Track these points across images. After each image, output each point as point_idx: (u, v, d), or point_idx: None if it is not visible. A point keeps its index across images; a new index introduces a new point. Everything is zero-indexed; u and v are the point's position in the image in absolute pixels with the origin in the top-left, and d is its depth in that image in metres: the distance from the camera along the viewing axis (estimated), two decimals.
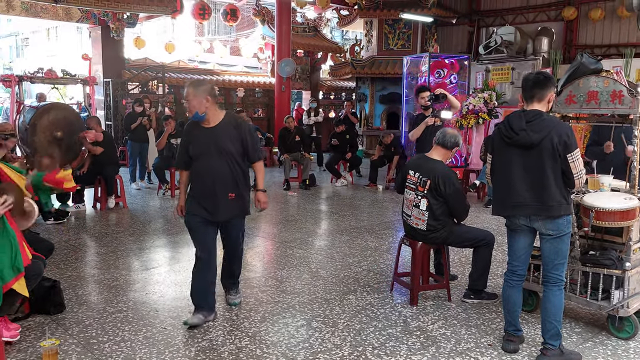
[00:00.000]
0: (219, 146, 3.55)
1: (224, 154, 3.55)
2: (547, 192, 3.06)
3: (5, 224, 3.05)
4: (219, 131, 3.58)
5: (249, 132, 3.69)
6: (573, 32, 13.51)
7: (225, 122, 3.62)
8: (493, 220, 7.01)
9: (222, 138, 3.56)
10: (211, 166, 3.56)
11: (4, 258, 3.00)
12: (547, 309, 3.18)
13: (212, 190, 3.57)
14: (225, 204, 3.60)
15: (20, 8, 11.10)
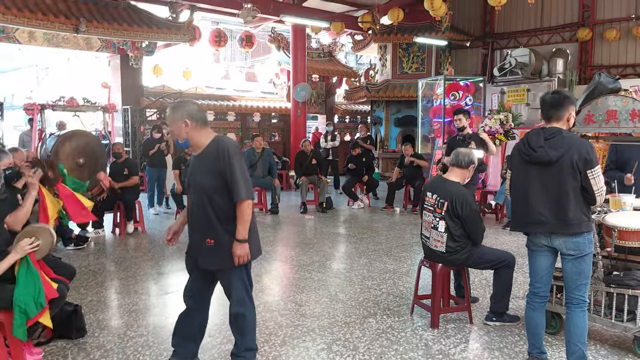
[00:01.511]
0: (195, 180, 3.02)
1: (200, 190, 2.99)
2: (566, 209, 3.04)
3: (29, 264, 3.13)
4: (200, 160, 3.01)
5: (230, 162, 2.91)
6: (588, 53, 13.50)
7: (208, 149, 2.98)
8: (512, 241, 6.94)
9: (200, 169, 2.99)
10: (192, 202, 3.07)
11: (28, 296, 3.07)
12: (570, 331, 3.13)
13: (195, 232, 3.11)
14: (205, 250, 3.04)
15: (43, 38, 11.44)
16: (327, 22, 13.73)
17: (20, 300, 3.04)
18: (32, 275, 3.11)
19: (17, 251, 3.12)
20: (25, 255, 3.13)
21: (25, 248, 3.12)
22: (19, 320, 3.03)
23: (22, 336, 3.05)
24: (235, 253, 2.96)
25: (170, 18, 11.71)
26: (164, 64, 16.57)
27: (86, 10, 10.30)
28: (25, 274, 3.11)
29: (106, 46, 12.36)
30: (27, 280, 3.09)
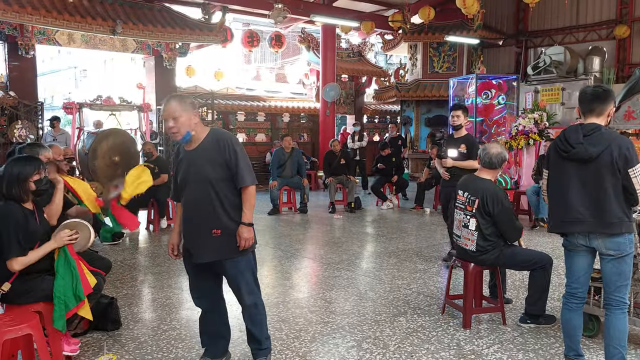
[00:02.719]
0: (198, 172, 2.98)
1: (205, 182, 2.97)
2: (606, 209, 2.95)
3: (67, 255, 3.21)
4: (199, 153, 3.00)
5: (234, 150, 2.99)
6: (626, 51, 13.12)
7: (206, 142, 3.01)
8: (548, 242, 6.79)
9: (201, 161, 2.98)
10: (192, 197, 3.02)
11: (67, 288, 3.15)
12: (610, 333, 3.04)
13: (195, 226, 3.03)
14: (209, 242, 3.01)
15: (81, 40, 11.74)
16: (357, 22, 13.71)
17: (60, 291, 3.12)
18: (69, 267, 3.19)
19: (56, 240, 3.21)
20: (63, 245, 3.21)
21: (65, 239, 3.21)
22: (59, 312, 3.11)
23: (62, 327, 3.13)
24: (243, 236, 3.02)
25: (203, 19, 11.88)
26: (197, 65, 16.81)
27: (122, 12, 10.54)
28: (63, 265, 3.19)
29: (141, 48, 12.61)
30: (66, 272, 3.17)
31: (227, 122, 14.42)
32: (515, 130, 8.96)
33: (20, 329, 2.89)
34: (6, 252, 3.03)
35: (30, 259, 3.10)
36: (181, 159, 3.08)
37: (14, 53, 10.78)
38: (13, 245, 3.03)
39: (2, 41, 10.82)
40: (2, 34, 10.57)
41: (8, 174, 3.15)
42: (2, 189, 3.14)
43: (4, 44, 10.85)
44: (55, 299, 3.11)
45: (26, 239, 3.09)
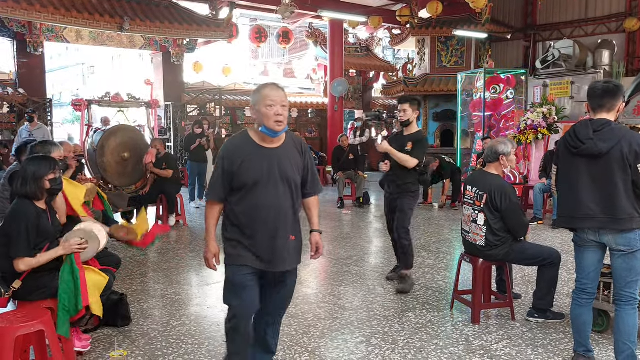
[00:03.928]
0: (283, 172, 2.71)
1: (287, 183, 2.73)
2: (616, 205, 2.93)
3: (73, 263, 3.22)
4: (282, 153, 2.74)
5: (310, 155, 2.93)
6: (636, 44, 13.00)
7: (288, 142, 2.79)
8: (556, 238, 6.76)
9: (286, 162, 2.74)
10: (272, 199, 2.68)
11: (70, 295, 3.15)
12: (620, 329, 3.03)
13: (273, 230, 2.70)
14: (286, 249, 2.77)
15: (89, 37, 11.82)
16: (365, 17, 13.67)
17: (65, 298, 3.14)
18: (73, 276, 3.19)
19: (64, 247, 3.22)
20: (70, 253, 3.23)
21: (73, 247, 3.22)
22: (62, 319, 3.12)
23: (65, 334, 3.12)
24: (321, 244, 2.92)
25: (210, 15, 11.89)
26: (204, 60, 16.84)
27: (130, 8, 10.58)
28: (68, 273, 3.19)
29: (149, 44, 12.67)
30: (69, 280, 3.17)
31: (235, 117, 14.45)
32: (524, 124, 8.91)
33: (32, 325, 2.92)
34: (14, 250, 3.06)
35: (37, 263, 3.11)
36: (249, 154, 2.68)
37: (23, 50, 10.86)
38: (22, 244, 3.05)
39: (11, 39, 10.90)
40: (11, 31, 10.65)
41: (24, 172, 3.18)
42: (17, 187, 3.17)
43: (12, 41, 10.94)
44: (60, 305, 3.12)
45: (37, 239, 3.12)
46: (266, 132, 2.66)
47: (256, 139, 2.73)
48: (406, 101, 4.80)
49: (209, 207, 2.82)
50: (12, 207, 3.18)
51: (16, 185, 3.18)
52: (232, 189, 2.71)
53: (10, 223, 3.09)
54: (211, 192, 2.77)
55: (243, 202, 2.70)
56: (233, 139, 2.82)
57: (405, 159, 4.67)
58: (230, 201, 2.74)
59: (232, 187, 2.70)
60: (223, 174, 2.71)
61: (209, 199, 2.81)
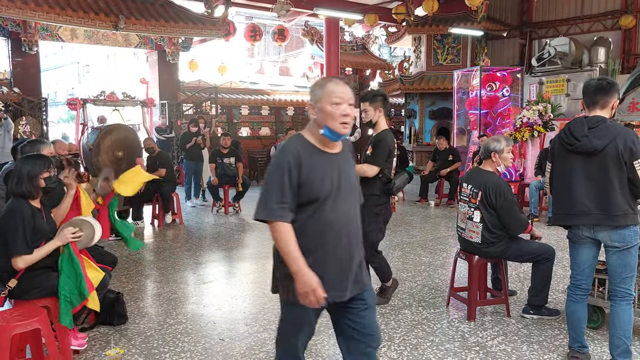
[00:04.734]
0: (351, 181, 2.32)
1: (354, 194, 2.34)
2: (611, 201, 2.95)
3: (71, 253, 3.23)
4: (343, 159, 2.33)
5: None
6: (632, 41, 13.02)
7: (344, 146, 2.37)
8: (552, 235, 6.78)
9: (349, 169, 2.34)
10: (345, 214, 2.26)
11: (72, 285, 3.17)
12: (615, 324, 3.05)
13: (347, 252, 2.27)
14: (358, 270, 2.33)
15: (84, 36, 11.78)
16: (361, 15, 13.66)
17: (66, 289, 3.15)
18: (73, 264, 3.21)
19: (59, 238, 3.23)
20: (67, 243, 3.23)
21: (68, 236, 3.23)
22: (65, 309, 3.14)
23: (69, 324, 3.15)
24: None
25: (206, 13, 11.86)
26: (200, 59, 16.81)
27: (125, 7, 10.54)
28: (67, 262, 3.21)
29: (144, 42, 12.64)
30: (70, 270, 3.19)
31: (230, 116, 14.44)
32: (520, 122, 8.92)
33: (28, 323, 2.92)
34: (12, 249, 3.06)
35: (35, 258, 3.12)
36: (314, 162, 2.21)
37: (18, 49, 10.83)
38: (20, 243, 3.05)
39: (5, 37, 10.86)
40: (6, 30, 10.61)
41: (18, 171, 3.18)
42: (12, 186, 3.17)
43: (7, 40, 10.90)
44: (61, 296, 3.13)
45: (33, 237, 3.12)
46: (329, 135, 2.21)
47: (316, 143, 2.25)
48: (365, 100, 4.17)
49: (279, 229, 2.14)
50: (8, 206, 3.18)
51: (11, 184, 3.18)
52: (297, 204, 2.19)
53: (7, 222, 3.09)
54: (276, 210, 2.14)
55: (311, 221, 2.19)
56: (290, 142, 2.26)
57: (361, 170, 3.92)
58: (296, 219, 2.18)
59: (297, 202, 2.18)
60: (290, 186, 2.14)
61: (279, 219, 2.14)
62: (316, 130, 2.26)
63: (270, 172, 2.20)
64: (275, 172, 2.17)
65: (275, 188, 2.15)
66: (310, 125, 2.29)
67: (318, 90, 2.26)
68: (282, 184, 2.14)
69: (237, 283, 5.05)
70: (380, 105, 4.10)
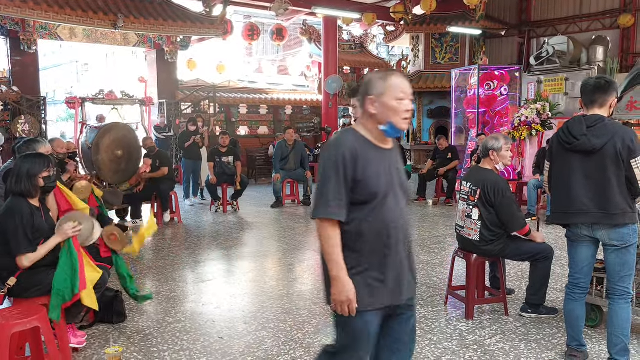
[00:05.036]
0: (403, 180, 2.23)
1: (406, 191, 2.26)
2: (610, 200, 2.96)
3: (71, 247, 3.23)
4: (395, 156, 2.23)
5: None
6: (630, 40, 13.05)
7: (394, 143, 2.27)
8: (550, 234, 6.80)
9: (400, 167, 2.25)
10: (399, 213, 2.16)
11: (66, 279, 3.16)
12: (613, 323, 3.06)
13: (400, 251, 2.17)
14: (410, 272, 2.26)
15: (83, 34, 11.76)
16: (359, 13, 13.67)
17: (60, 282, 3.14)
18: (71, 259, 3.20)
19: (59, 234, 3.23)
20: (67, 238, 3.24)
21: (68, 231, 3.24)
22: (55, 302, 3.12)
23: (56, 317, 3.13)
24: None
25: (204, 12, 11.86)
26: (198, 58, 16.80)
27: (123, 6, 10.53)
28: (66, 256, 3.20)
29: (142, 41, 12.62)
30: (66, 264, 3.18)
31: (229, 115, 14.44)
32: (518, 121, 8.94)
33: (28, 321, 2.92)
34: (15, 248, 3.06)
35: (39, 255, 3.13)
36: (370, 157, 2.10)
37: (17, 48, 10.80)
38: (22, 241, 3.06)
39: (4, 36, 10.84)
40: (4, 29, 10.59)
41: (18, 169, 3.18)
42: (11, 184, 3.17)
43: (6, 39, 10.87)
44: (53, 289, 3.13)
45: (33, 235, 3.12)
46: (390, 131, 2.11)
47: (371, 138, 2.14)
48: (353, 95, 3.77)
49: (328, 230, 2.04)
50: (7, 204, 3.18)
51: (10, 182, 3.18)
52: (351, 203, 2.08)
53: (6, 221, 3.09)
54: (333, 207, 2.03)
55: (368, 221, 2.08)
56: (345, 136, 2.14)
57: None
58: (353, 218, 2.07)
59: (352, 200, 2.07)
60: (345, 182, 2.04)
61: (330, 217, 2.03)
62: (373, 125, 2.13)
63: (325, 166, 2.07)
64: (330, 167, 2.05)
65: (332, 183, 2.04)
66: (364, 119, 2.16)
67: (380, 83, 2.12)
68: (337, 179, 2.04)
69: (236, 282, 5.06)
70: None
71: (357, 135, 2.14)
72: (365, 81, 2.16)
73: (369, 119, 2.14)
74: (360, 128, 2.17)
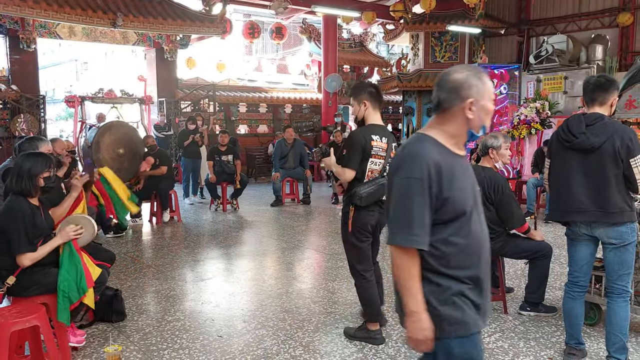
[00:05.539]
0: (477, 189, 1.97)
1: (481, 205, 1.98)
2: (608, 198, 2.96)
3: (72, 249, 3.25)
4: (468, 163, 2.03)
5: None
6: (629, 39, 13.04)
7: None
8: (549, 232, 6.81)
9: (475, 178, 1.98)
10: (483, 229, 1.93)
11: (71, 281, 3.17)
12: (612, 321, 3.06)
13: (487, 272, 1.92)
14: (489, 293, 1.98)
15: (82, 33, 11.75)
16: (359, 12, 13.65)
17: (65, 285, 3.16)
18: (74, 260, 3.23)
19: (61, 236, 3.24)
20: (68, 240, 3.25)
21: (70, 234, 3.25)
22: (62, 305, 3.14)
23: (66, 320, 3.15)
24: None
25: (204, 11, 11.84)
26: (198, 56, 16.78)
27: (122, 4, 10.51)
28: (68, 258, 3.23)
29: (142, 40, 12.61)
30: (70, 265, 3.21)
31: (228, 113, 14.44)
32: (517, 119, 8.94)
33: (27, 320, 2.93)
34: (16, 247, 3.06)
35: (39, 255, 3.13)
36: (454, 168, 1.83)
37: (16, 47, 10.79)
38: (23, 241, 3.06)
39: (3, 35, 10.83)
40: (4, 27, 10.58)
41: (19, 168, 3.18)
42: (12, 183, 3.17)
43: (5, 37, 10.86)
44: (60, 292, 3.14)
45: (33, 234, 3.13)
46: (477, 135, 1.89)
47: (450, 146, 1.87)
48: (350, 95, 3.68)
49: (407, 260, 1.77)
50: (7, 203, 3.17)
51: (10, 181, 3.18)
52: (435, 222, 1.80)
53: (6, 220, 3.09)
54: (416, 235, 1.75)
55: (458, 238, 1.82)
56: (424, 147, 1.83)
57: (338, 173, 3.56)
58: (439, 239, 1.81)
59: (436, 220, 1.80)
60: (430, 203, 1.76)
61: (413, 245, 1.75)
62: (461, 130, 1.86)
63: (403, 185, 1.78)
64: (413, 186, 1.76)
65: (414, 205, 1.75)
66: (449, 123, 1.86)
67: (479, 84, 1.85)
68: (421, 200, 1.75)
69: (235, 280, 5.07)
70: (366, 97, 3.50)
71: (435, 142, 1.85)
72: (457, 81, 1.86)
73: (459, 124, 1.85)
74: (437, 134, 1.87)
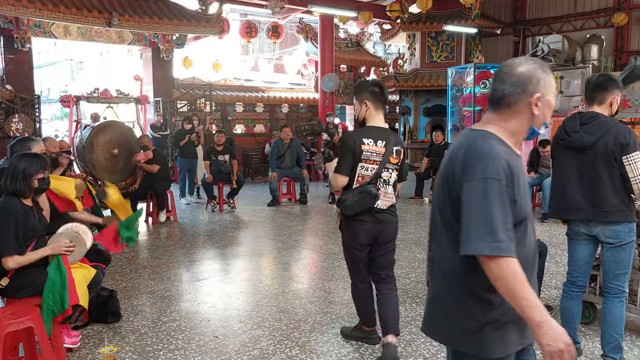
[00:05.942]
0: None
1: None
2: (601, 197, 2.97)
3: (60, 263, 3.21)
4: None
5: None
6: (624, 39, 13.10)
7: None
8: (545, 231, 6.82)
9: None
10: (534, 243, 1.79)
11: (55, 294, 3.13)
12: (607, 320, 3.07)
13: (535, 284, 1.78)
14: None
15: (77, 33, 11.71)
16: (355, 12, 13.66)
17: (49, 297, 3.12)
18: (60, 275, 3.17)
19: (52, 248, 3.22)
20: (58, 254, 3.22)
21: (62, 248, 3.22)
22: (45, 317, 3.10)
23: (48, 331, 3.10)
24: None
25: (200, 10, 11.82)
26: (194, 56, 16.75)
27: (118, 4, 10.49)
28: (55, 271, 3.18)
29: (138, 39, 12.57)
30: (56, 277, 3.16)
31: (225, 113, 14.41)
32: None
33: (21, 321, 2.91)
34: (4, 248, 3.03)
35: (25, 260, 3.10)
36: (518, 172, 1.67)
37: (10, 46, 10.74)
38: (11, 242, 3.03)
39: None
40: None
41: (13, 168, 3.15)
42: (6, 183, 3.14)
43: None
44: (44, 303, 3.10)
45: (25, 235, 3.10)
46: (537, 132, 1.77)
47: (511, 144, 1.74)
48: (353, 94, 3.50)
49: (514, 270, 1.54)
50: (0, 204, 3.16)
51: (5, 181, 3.15)
52: None
53: None
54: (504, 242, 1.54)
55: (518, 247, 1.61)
56: (493, 146, 1.67)
57: (331, 178, 3.43)
58: None
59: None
60: (510, 207, 1.61)
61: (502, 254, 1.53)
62: (524, 127, 1.74)
63: (483, 187, 1.59)
64: (491, 188, 1.59)
65: (496, 209, 1.57)
66: (514, 121, 1.73)
67: (546, 78, 1.72)
68: (502, 204, 1.58)
69: (231, 280, 5.06)
70: (368, 97, 3.26)
71: (500, 140, 1.71)
72: (524, 75, 1.70)
73: (523, 120, 1.73)
74: (501, 132, 1.73)
